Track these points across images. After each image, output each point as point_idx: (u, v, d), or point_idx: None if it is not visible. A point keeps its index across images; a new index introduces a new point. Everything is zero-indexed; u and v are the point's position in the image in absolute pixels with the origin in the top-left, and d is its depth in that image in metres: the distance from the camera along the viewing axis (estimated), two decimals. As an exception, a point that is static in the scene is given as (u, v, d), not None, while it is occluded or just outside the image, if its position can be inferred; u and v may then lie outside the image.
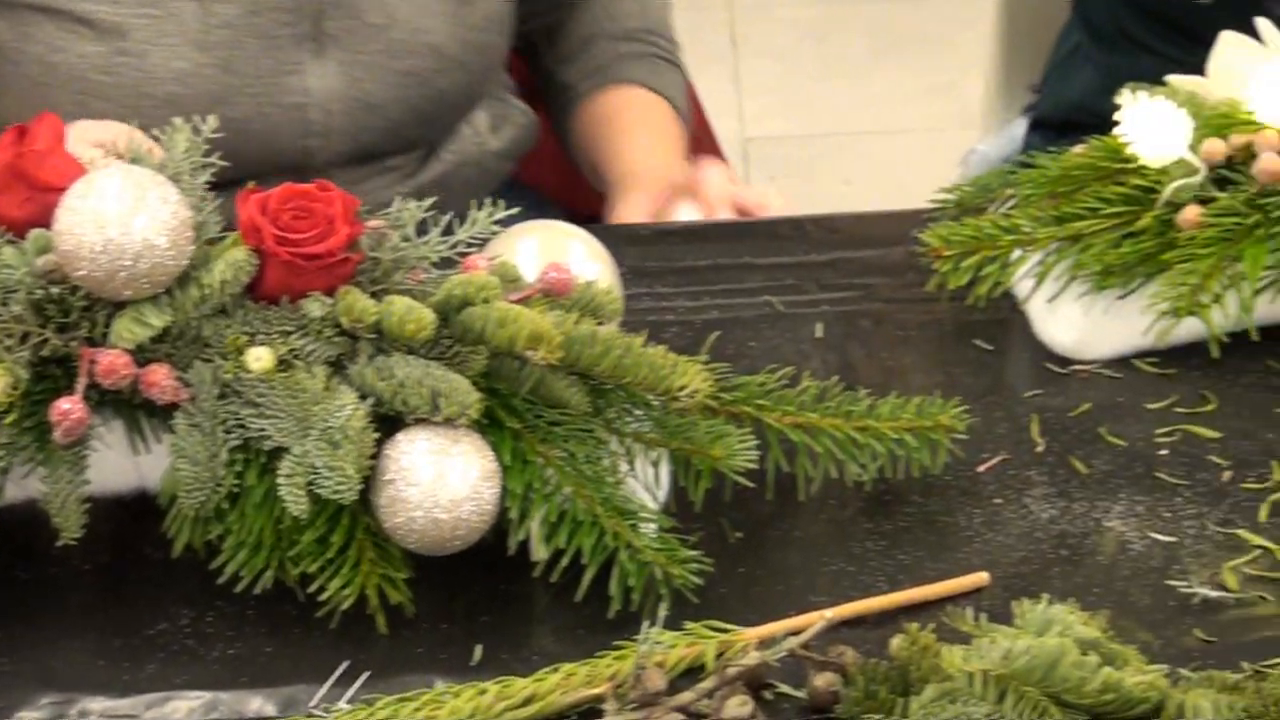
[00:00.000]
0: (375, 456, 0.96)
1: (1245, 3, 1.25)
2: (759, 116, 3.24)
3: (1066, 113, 1.43)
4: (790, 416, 1.08)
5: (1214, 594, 1.02)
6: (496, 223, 1.02)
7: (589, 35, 1.53)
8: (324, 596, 0.98)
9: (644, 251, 1.32)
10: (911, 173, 1.27)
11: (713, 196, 1.40)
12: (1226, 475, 1.10)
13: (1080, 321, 1.20)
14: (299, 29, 1.34)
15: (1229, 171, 1.17)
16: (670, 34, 1.58)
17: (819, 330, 1.25)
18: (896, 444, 1.08)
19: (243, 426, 0.97)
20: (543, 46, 1.55)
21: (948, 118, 3.18)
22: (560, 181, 1.58)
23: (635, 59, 1.53)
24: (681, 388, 1.01)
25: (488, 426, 0.98)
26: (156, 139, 1.02)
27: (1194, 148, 1.16)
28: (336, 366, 0.99)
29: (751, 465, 1.04)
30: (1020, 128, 1.70)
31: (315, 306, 0.99)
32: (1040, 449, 1.14)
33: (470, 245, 1.02)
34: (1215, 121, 1.17)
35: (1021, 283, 1.22)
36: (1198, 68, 1.21)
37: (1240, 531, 1.06)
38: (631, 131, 1.47)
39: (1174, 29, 1.31)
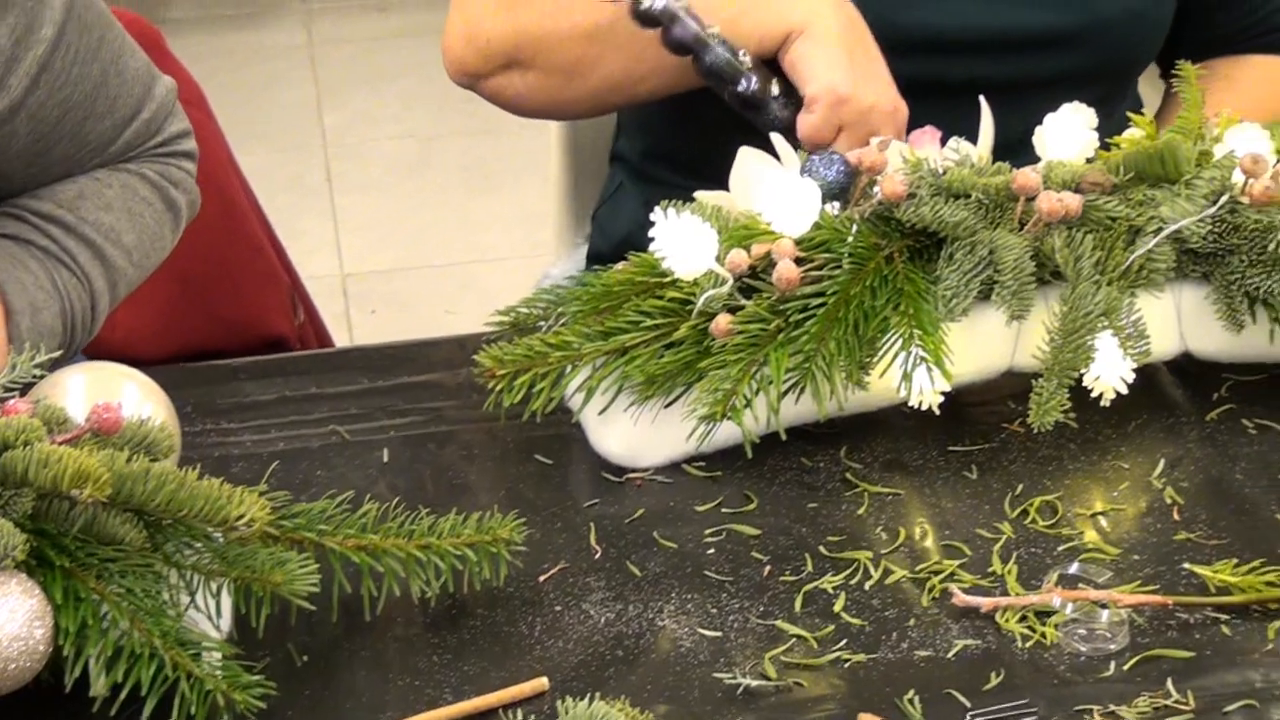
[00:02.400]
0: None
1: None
2: (357, 252, 3.28)
3: (616, 247, 1.51)
4: (353, 539, 1.11)
5: (755, 683, 1.08)
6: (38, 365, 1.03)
7: None
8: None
9: (210, 390, 1.34)
10: (512, 298, 1.32)
11: None
12: (766, 570, 1.17)
13: (630, 431, 1.27)
14: None
15: (753, 280, 1.25)
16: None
17: (385, 455, 1.29)
18: (459, 559, 1.12)
19: None
20: None
21: (543, 245, 3.28)
22: None
23: None
24: (239, 517, 1.03)
25: (36, 566, 0.98)
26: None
27: (721, 259, 1.24)
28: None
29: (314, 589, 1.06)
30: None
31: None
32: (598, 555, 1.19)
33: (9, 390, 1.03)
34: (738, 234, 1.26)
35: (574, 397, 1.28)
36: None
37: (779, 622, 1.12)
38: None
39: (695, 173, 1.40)
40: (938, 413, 1.23)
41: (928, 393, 1.22)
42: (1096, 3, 1.52)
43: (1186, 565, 1.14)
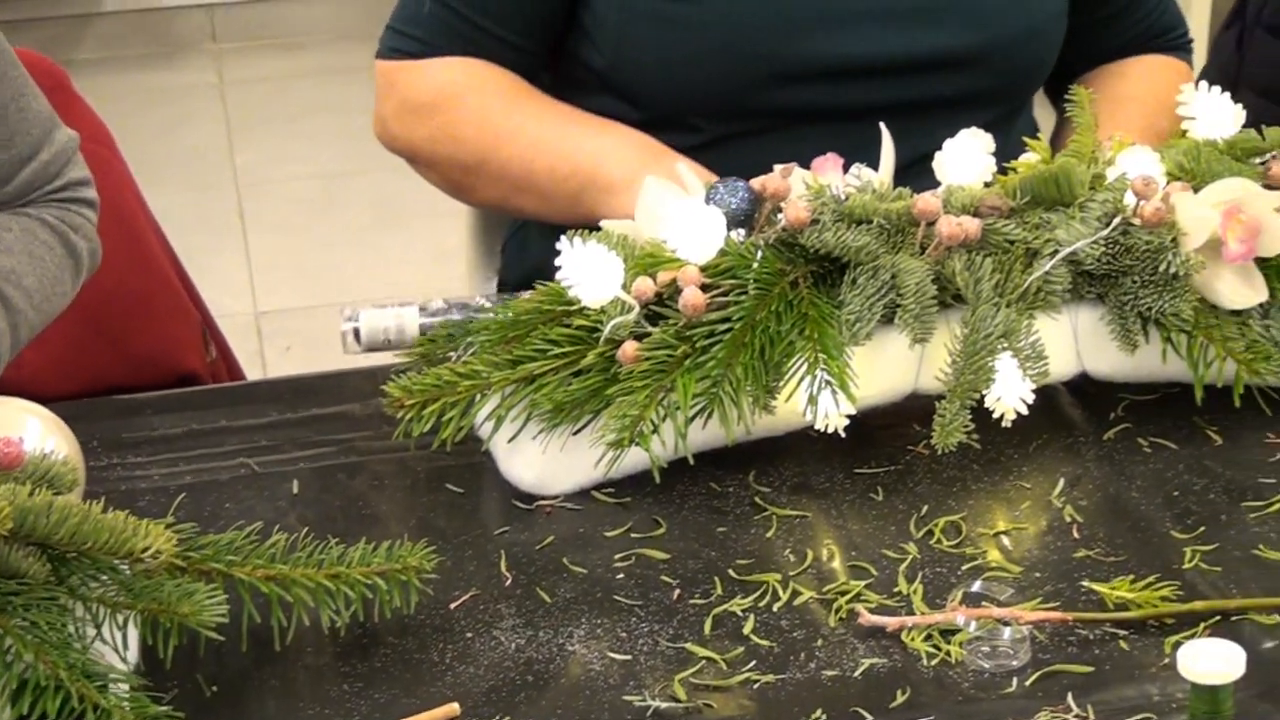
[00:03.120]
0: None
1: None
2: (271, 289, 3.27)
3: (525, 278, 1.52)
4: (261, 570, 1.11)
5: (665, 705, 1.08)
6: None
7: None
8: None
9: (117, 424, 1.33)
10: (426, 333, 1.34)
11: None
12: (676, 593, 1.18)
13: (540, 459, 1.27)
14: None
15: (660, 307, 1.26)
16: None
17: (295, 487, 1.29)
18: (369, 588, 1.13)
19: None
20: None
21: (457, 279, 3.28)
22: None
23: None
24: (145, 549, 1.03)
25: (-61, 601, 0.98)
26: None
27: (627, 287, 1.25)
28: None
29: (222, 620, 1.06)
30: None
31: None
32: (509, 582, 1.20)
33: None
34: (644, 261, 1.27)
35: (484, 425, 1.28)
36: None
37: (688, 645, 1.13)
38: None
39: None
40: (844, 436, 1.25)
41: (833, 416, 1.24)
42: (994, 23, 1.54)
43: (1086, 582, 1.16)
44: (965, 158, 1.32)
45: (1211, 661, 0.93)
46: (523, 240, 1.70)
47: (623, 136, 1.51)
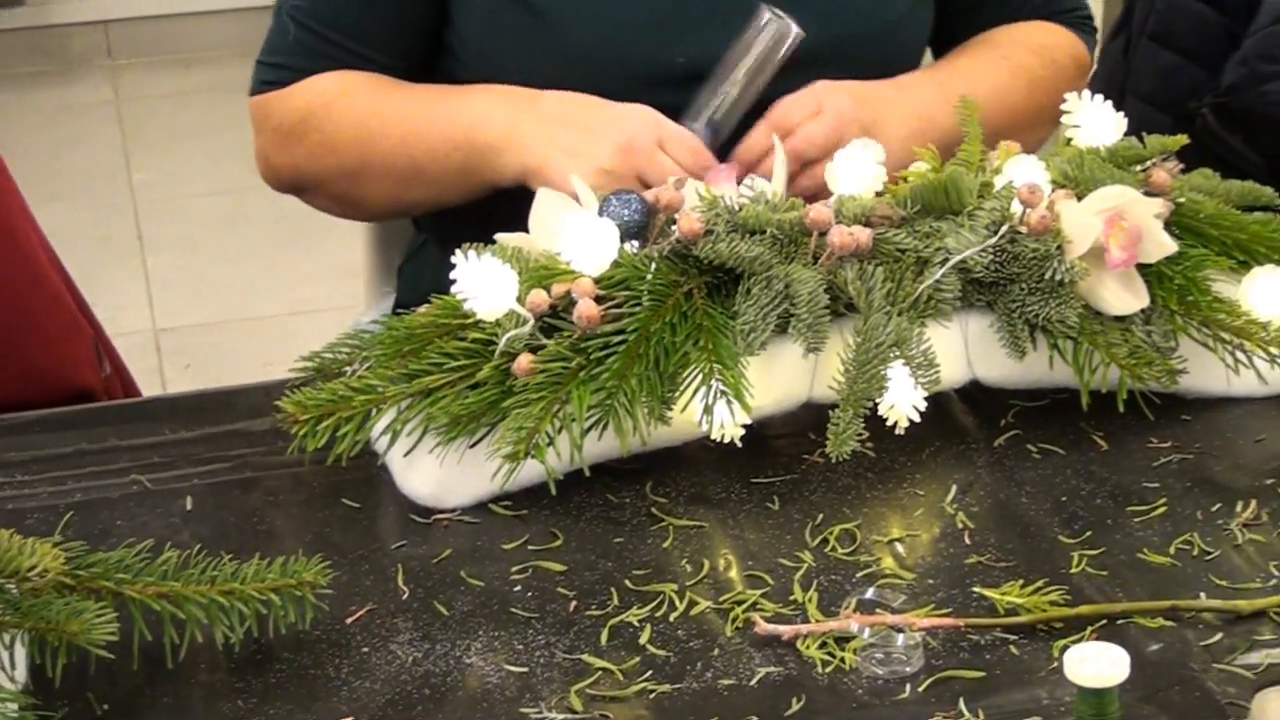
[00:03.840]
0: None
1: None
2: (170, 307, 3.25)
3: (420, 297, 1.52)
4: (153, 587, 1.10)
5: (561, 717, 1.08)
6: None
7: None
8: None
9: (4, 442, 1.32)
10: (330, 348, 1.34)
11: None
12: (573, 605, 1.18)
13: (436, 472, 1.27)
14: None
15: (554, 319, 1.26)
16: None
17: (189, 503, 1.28)
18: (263, 604, 1.12)
19: None
20: None
21: (359, 296, 3.28)
22: None
23: None
24: (31, 568, 1.02)
25: None
26: None
27: (521, 300, 1.25)
28: None
29: (112, 638, 1.06)
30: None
31: None
32: (406, 596, 1.20)
33: None
34: (538, 274, 1.27)
35: (380, 440, 1.28)
36: None
37: (585, 656, 1.13)
38: None
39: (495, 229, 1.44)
40: (740, 445, 1.25)
41: (729, 426, 1.25)
42: (846, 19, 1.54)
43: (977, 588, 1.17)
44: (856, 167, 1.34)
45: (1097, 665, 0.94)
46: (419, 264, 1.70)
47: (488, 95, 1.50)
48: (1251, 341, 1.30)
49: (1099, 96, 1.38)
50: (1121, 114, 1.37)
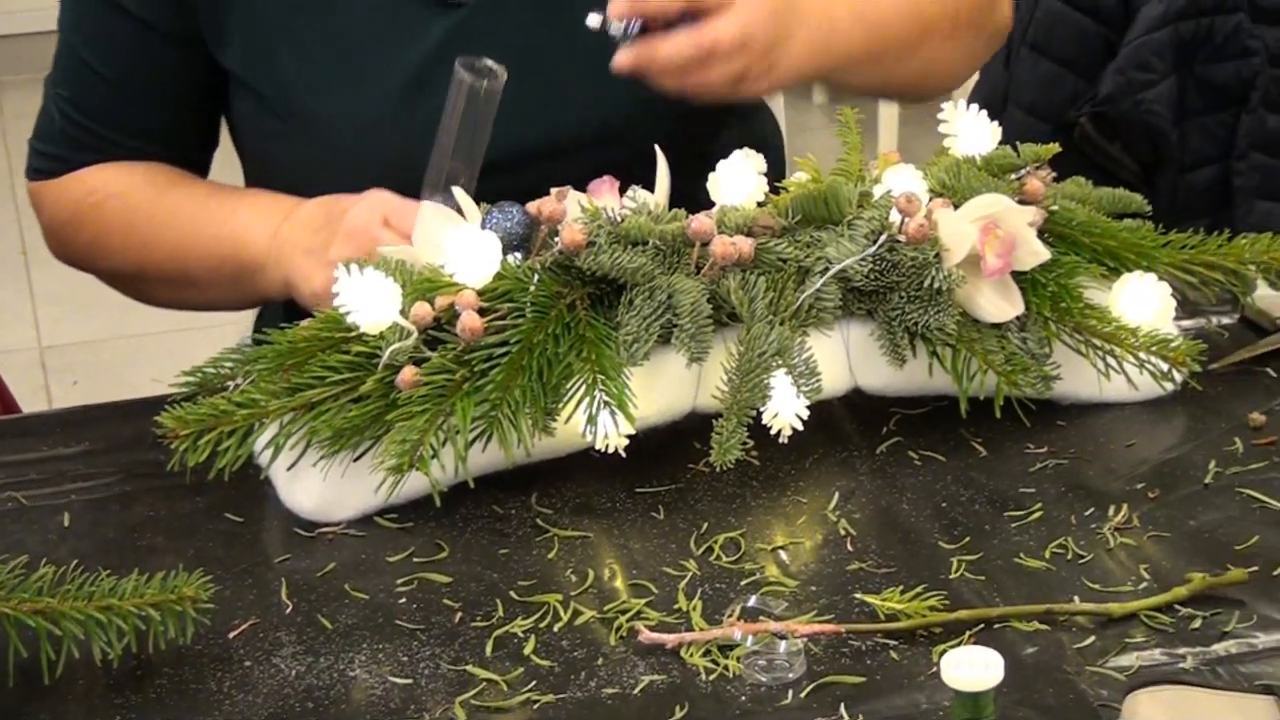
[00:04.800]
0: None
1: None
2: (56, 324, 3.21)
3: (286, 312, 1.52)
4: (28, 603, 1.09)
5: (443, 728, 1.09)
6: None
7: None
8: None
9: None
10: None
11: None
12: (458, 616, 1.18)
13: (320, 486, 1.27)
14: None
15: (438, 331, 1.26)
16: None
17: (66, 519, 1.27)
18: (142, 619, 1.11)
19: None
20: None
21: (245, 312, 3.25)
22: None
23: None
24: (-95, 586, 1.01)
25: None
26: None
27: (405, 312, 1.25)
28: None
29: (-12, 655, 1.05)
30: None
31: None
32: (289, 610, 1.19)
33: None
34: (421, 286, 1.27)
35: (263, 454, 1.27)
36: None
37: (469, 667, 1.13)
38: None
39: None
40: (624, 455, 1.26)
41: (613, 436, 1.25)
42: (627, 99, 1.45)
43: (858, 594, 1.18)
44: (738, 178, 1.35)
45: (972, 669, 0.95)
46: None
47: (253, 208, 1.48)
48: (1122, 347, 1.32)
49: (974, 106, 1.39)
50: (996, 124, 1.39)
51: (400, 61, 1.47)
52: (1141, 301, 1.33)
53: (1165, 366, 1.33)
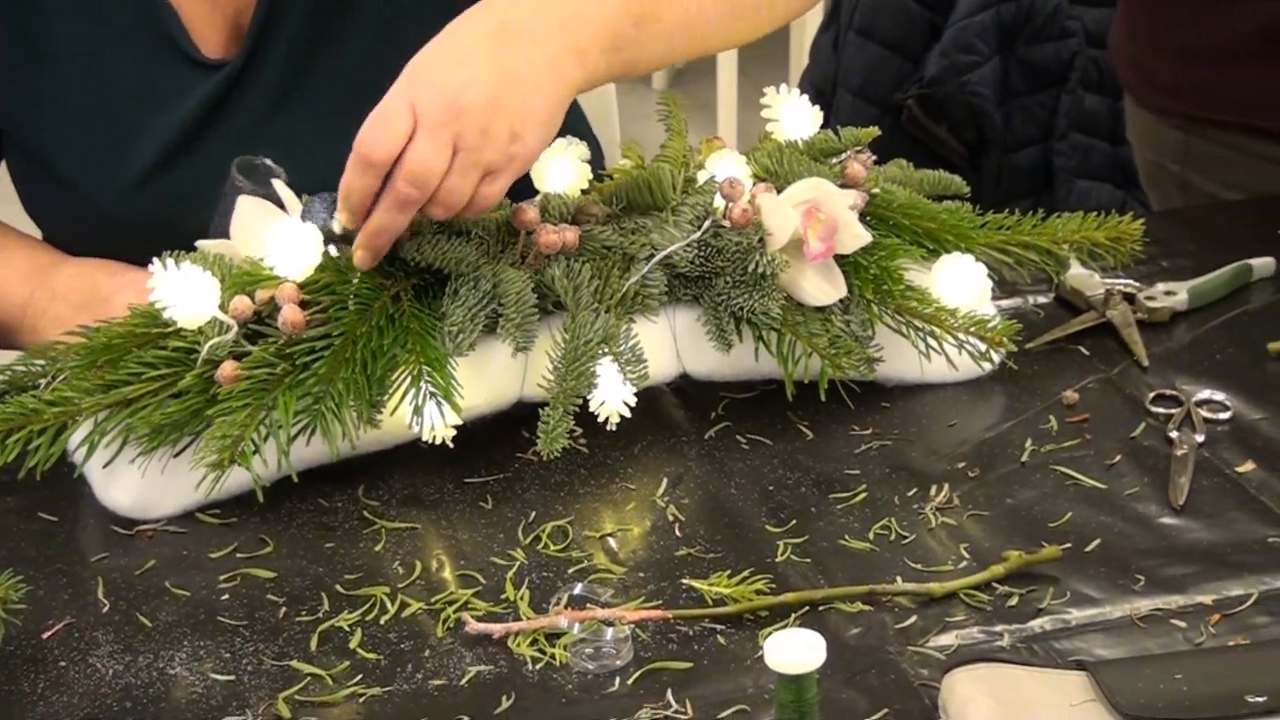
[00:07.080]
0: None
1: None
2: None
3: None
4: None
5: (266, 725, 1.07)
6: None
7: None
8: None
9: None
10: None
11: None
12: (282, 611, 1.17)
13: (139, 483, 1.24)
14: None
15: (259, 325, 1.24)
16: None
17: (-123, 523, 1.23)
18: (-49, 623, 1.09)
19: None
20: None
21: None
22: None
23: None
24: None
25: None
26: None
27: (224, 306, 1.23)
28: None
29: None
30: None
31: None
32: (106, 609, 1.17)
33: None
34: (241, 279, 1.25)
35: (77, 452, 1.25)
36: None
37: (294, 662, 1.12)
38: None
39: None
40: (452, 446, 1.25)
41: (439, 427, 1.24)
42: None
43: (686, 579, 1.18)
44: (562, 166, 1.34)
45: (795, 651, 0.95)
46: None
47: (10, 266, 1.48)
48: (942, 328, 1.33)
49: (796, 90, 1.40)
50: (818, 108, 1.39)
51: (162, 125, 1.47)
52: (959, 282, 1.35)
53: (983, 347, 1.35)
